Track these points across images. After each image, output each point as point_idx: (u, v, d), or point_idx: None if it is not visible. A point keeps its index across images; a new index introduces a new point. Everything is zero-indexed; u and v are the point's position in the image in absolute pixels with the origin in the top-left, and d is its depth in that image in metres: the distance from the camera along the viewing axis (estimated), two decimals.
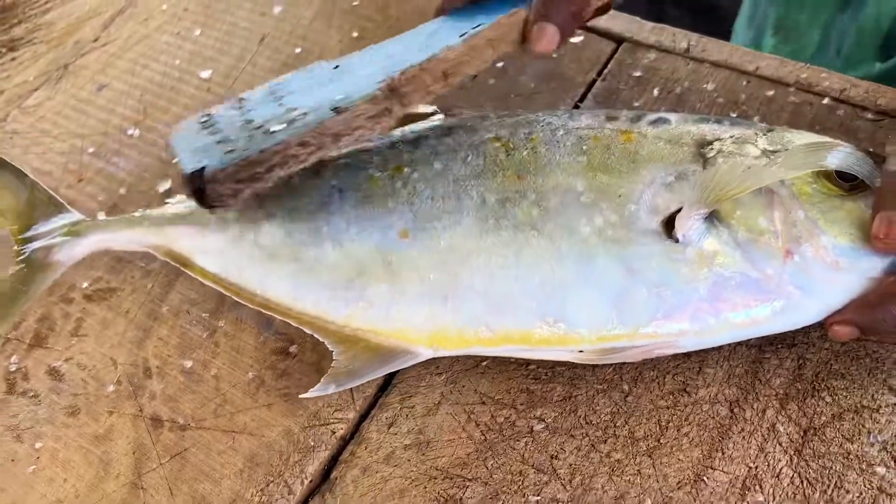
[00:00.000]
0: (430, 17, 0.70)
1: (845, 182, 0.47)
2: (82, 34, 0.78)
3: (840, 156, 0.47)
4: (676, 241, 0.47)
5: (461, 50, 0.48)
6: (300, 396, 0.51)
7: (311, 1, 0.76)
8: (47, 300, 0.60)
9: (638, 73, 0.64)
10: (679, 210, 0.47)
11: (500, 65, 0.67)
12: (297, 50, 0.72)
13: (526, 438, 0.49)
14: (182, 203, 0.56)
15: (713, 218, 0.47)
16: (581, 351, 0.48)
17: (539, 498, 0.47)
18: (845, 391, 0.48)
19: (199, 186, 0.45)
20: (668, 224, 0.47)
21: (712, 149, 0.49)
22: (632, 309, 0.47)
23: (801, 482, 0.46)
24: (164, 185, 0.65)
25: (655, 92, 0.63)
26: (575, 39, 0.67)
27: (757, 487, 0.46)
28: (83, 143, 0.69)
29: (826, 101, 0.60)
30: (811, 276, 0.46)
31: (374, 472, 0.49)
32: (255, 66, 0.72)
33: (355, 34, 0.72)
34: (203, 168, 0.45)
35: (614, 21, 0.67)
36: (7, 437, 0.54)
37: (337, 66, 0.54)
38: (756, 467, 0.47)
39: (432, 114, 0.56)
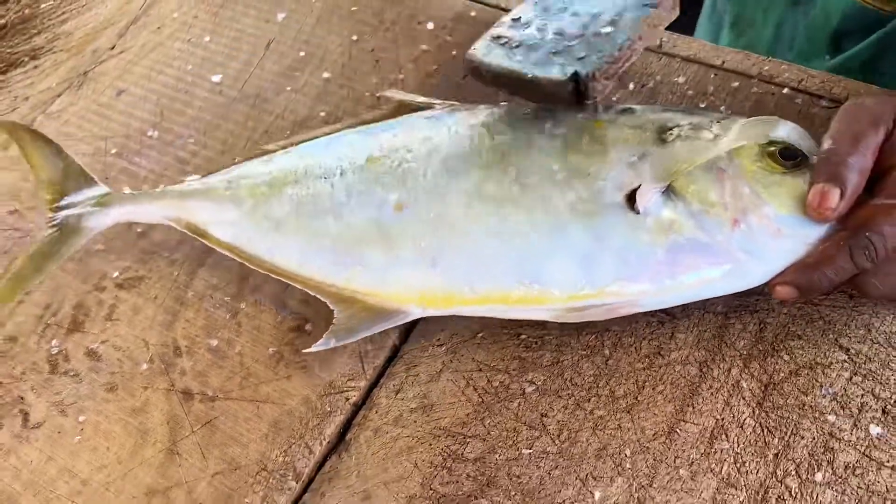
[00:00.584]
0: (421, 20, 0.77)
1: (787, 161, 0.53)
2: (99, 43, 0.84)
3: (784, 130, 0.54)
4: (638, 212, 0.53)
5: None
6: (303, 351, 0.57)
7: (312, 8, 0.81)
8: (82, 289, 0.66)
9: None
10: (640, 185, 0.53)
11: None
12: (301, 53, 0.78)
13: (518, 399, 0.55)
14: (198, 180, 0.63)
15: (669, 192, 0.53)
16: (553, 310, 0.54)
17: (531, 451, 0.53)
18: (801, 350, 0.54)
19: (574, 88, 0.53)
20: (631, 198, 0.53)
21: (671, 133, 0.55)
22: (598, 271, 0.53)
23: (762, 431, 0.52)
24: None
25: (631, 86, 0.68)
26: None
27: (723, 436, 0.52)
28: (106, 145, 0.75)
29: (786, 91, 0.65)
30: (756, 241, 0.52)
31: (384, 432, 0.55)
32: (262, 69, 0.78)
33: (354, 37, 0.78)
34: (576, 72, 0.53)
35: None
36: (53, 411, 0.60)
37: None
38: (722, 419, 0.52)
39: (429, 106, 0.63)
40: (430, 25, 0.76)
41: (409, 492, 0.53)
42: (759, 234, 0.52)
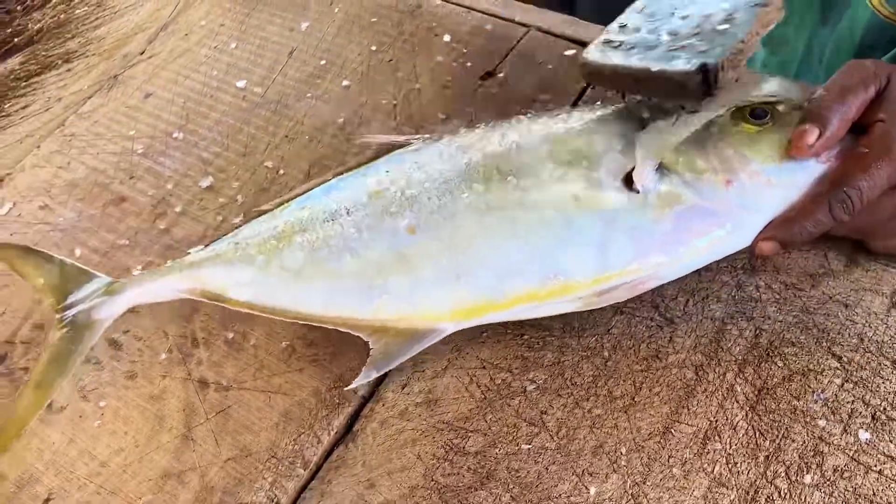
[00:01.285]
0: (438, 32, 0.79)
1: (758, 120, 0.56)
2: (130, 48, 0.87)
3: (770, 86, 0.57)
4: (638, 192, 0.55)
5: None
6: (346, 389, 0.58)
7: (334, 18, 0.84)
8: None
9: None
10: (634, 168, 0.56)
11: (501, 75, 0.75)
12: (322, 62, 0.81)
13: (520, 397, 0.57)
14: (203, 249, 0.62)
15: (662, 168, 0.56)
16: (580, 298, 0.55)
17: (530, 447, 0.55)
18: (795, 357, 0.56)
19: (703, 79, 0.53)
20: (629, 180, 0.56)
21: (649, 115, 0.58)
22: (615, 253, 0.55)
23: (754, 433, 0.53)
24: (206, 182, 0.73)
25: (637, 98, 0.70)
26: (568, 52, 0.75)
27: (716, 438, 0.54)
28: (133, 145, 0.78)
29: None
30: (751, 196, 0.54)
31: (390, 425, 0.58)
32: (285, 76, 0.81)
33: (373, 48, 0.81)
34: (704, 63, 0.53)
35: None
36: (75, 397, 0.63)
37: None
38: (716, 421, 0.54)
39: (408, 143, 0.64)
40: (447, 38, 0.79)
41: (411, 482, 0.55)
42: (751, 189, 0.55)
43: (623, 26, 0.61)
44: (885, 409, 0.53)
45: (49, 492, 0.59)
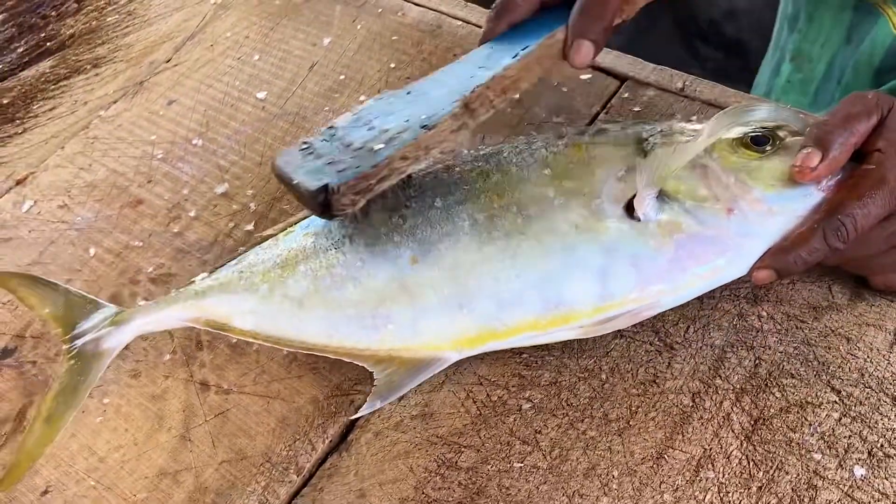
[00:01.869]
0: (456, 52, 0.80)
1: (759, 146, 0.56)
2: (156, 56, 0.90)
3: (762, 112, 0.57)
4: (639, 220, 0.55)
5: (517, 67, 0.57)
6: (352, 417, 0.58)
7: (356, 35, 0.86)
8: (118, 282, 0.70)
9: (637, 108, 0.72)
10: (634, 195, 0.56)
11: (516, 96, 0.75)
12: (342, 77, 0.82)
13: (515, 415, 0.57)
14: (208, 277, 0.62)
15: (663, 196, 0.56)
16: (581, 327, 0.56)
17: (522, 465, 0.55)
18: (793, 388, 0.55)
19: (324, 200, 0.52)
20: (629, 208, 0.56)
21: (648, 143, 0.58)
22: (616, 281, 0.55)
23: (748, 463, 0.53)
24: (221, 188, 0.75)
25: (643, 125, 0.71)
26: (584, 76, 0.75)
27: (710, 466, 0.53)
28: (153, 150, 0.80)
29: None
30: (752, 224, 0.55)
31: (384, 436, 0.58)
32: (304, 89, 0.82)
33: (392, 65, 0.82)
34: (326, 184, 0.52)
35: (620, 61, 0.76)
36: None
37: (409, 92, 0.61)
38: (710, 449, 0.54)
39: None
40: None
41: (402, 494, 0.55)
42: (753, 218, 0.55)
43: (330, 128, 0.60)
44: (882, 445, 0.52)
45: (47, 484, 0.60)
